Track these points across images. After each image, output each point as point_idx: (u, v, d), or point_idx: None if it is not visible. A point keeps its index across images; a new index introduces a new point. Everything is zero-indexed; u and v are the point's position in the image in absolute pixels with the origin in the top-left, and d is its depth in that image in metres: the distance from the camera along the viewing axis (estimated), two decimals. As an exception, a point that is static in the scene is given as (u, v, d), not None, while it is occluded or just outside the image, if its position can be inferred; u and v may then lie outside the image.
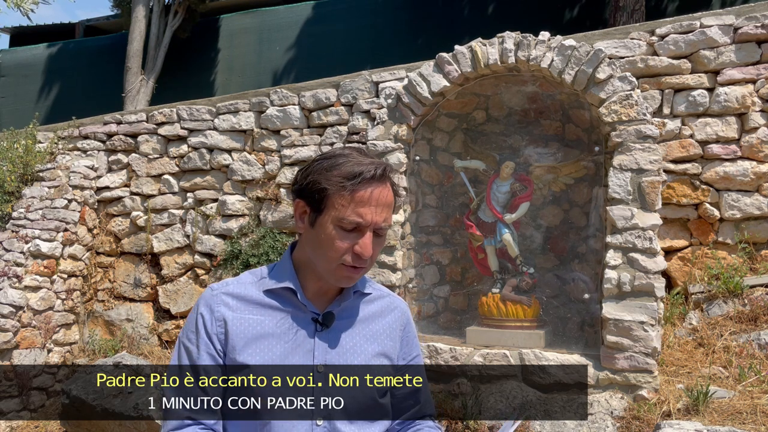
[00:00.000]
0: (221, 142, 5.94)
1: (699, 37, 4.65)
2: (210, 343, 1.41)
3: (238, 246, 5.68)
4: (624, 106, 3.92)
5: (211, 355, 1.41)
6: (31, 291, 5.61)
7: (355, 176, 1.35)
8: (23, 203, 6.00)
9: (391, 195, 1.41)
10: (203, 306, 1.44)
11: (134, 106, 9.03)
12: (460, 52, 4.34)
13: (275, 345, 1.41)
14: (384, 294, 1.60)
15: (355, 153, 1.42)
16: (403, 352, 1.58)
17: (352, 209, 1.36)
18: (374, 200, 1.37)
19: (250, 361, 1.39)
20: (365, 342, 1.49)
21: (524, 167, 4.50)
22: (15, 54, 11.71)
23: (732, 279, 4.32)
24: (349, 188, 1.35)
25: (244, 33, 10.30)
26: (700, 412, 3.47)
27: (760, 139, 4.49)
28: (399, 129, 4.47)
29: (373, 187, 1.37)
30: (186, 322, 1.49)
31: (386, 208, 1.39)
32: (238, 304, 1.44)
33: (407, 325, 1.60)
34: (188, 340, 1.44)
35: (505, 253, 4.37)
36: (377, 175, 1.37)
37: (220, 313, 1.42)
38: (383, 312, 1.56)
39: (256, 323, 1.42)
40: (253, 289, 1.47)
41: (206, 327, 1.42)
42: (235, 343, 1.40)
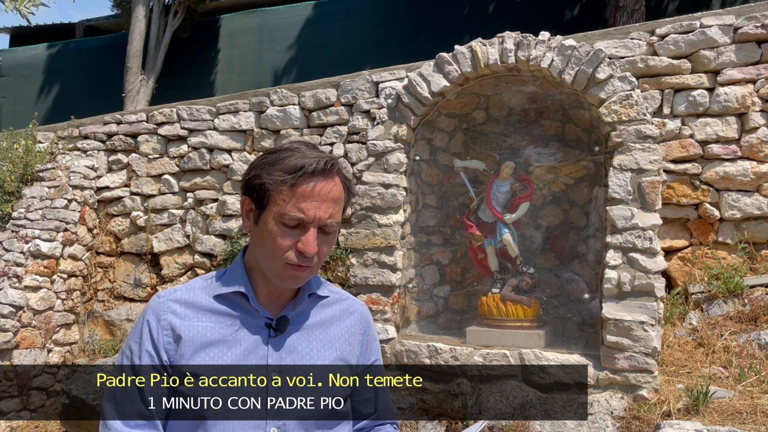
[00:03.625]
0: (221, 142, 5.94)
1: (699, 37, 4.65)
2: (155, 353, 1.36)
3: (238, 246, 5.68)
4: (624, 106, 3.92)
5: (154, 365, 1.35)
6: (31, 291, 5.61)
7: (296, 170, 1.30)
8: (23, 203, 6.00)
9: (338, 190, 1.34)
10: (150, 314, 1.38)
11: (134, 106, 9.03)
12: (460, 52, 4.34)
13: (226, 352, 1.35)
14: (342, 297, 1.53)
15: (303, 147, 1.36)
16: (363, 357, 1.52)
17: (294, 204, 1.30)
18: (317, 195, 1.31)
19: (198, 370, 1.33)
20: (322, 347, 1.43)
21: (524, 167, 4.50)
22: (15, 54, 11.71)
23: (732, 279, 4.32)
24: (290, 182, 1.30)
25: (244, 33, 10.29)
26: (700, 412, 3.47)
27: (760, 139, 4.49)
28: (399, 129, 4.47)
29: (316, 181, 1.31)
30: (130, 332, 1.43)
31: (332, 204, 1.33)
32: (186, 311, 1.38)
33: (367, 328, 1.54)
34: (131, 351, 1.38)
35: (505, 253, 4.37)
36: (320, 168, 1.31)
37: (167, 321, 1.37)
38: (341, 316, 1.50)
39: (205, 330, 1.36)
40: (202, 294, 1.41)
41: (152, 335, 1.36)
42: (184, 351, 1.35)
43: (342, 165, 1.38)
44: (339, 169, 1.36)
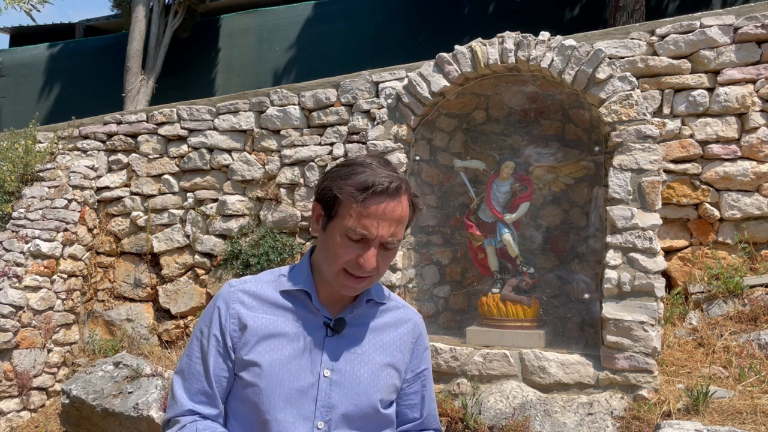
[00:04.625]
0: (221, 142, 5.94)
1: (699, 37, 4.65)
2: (221, 338, 1.43)
3: (238, 246, 5.68)
4: (624, 106, 3.92)
5: (219, 350, 1.43)
6: (31, 291, 5.61)
7: (366, 188, 1.34)
8: (23, 203, 6.00)
9: (403, 210, 1.39)
10: (221, 301, 1.47)
11: (134, 106, 9.03)
12: (460, 52, 4.34)
13: (285, 345, 1.42)
14: (399, 305, 1.59)
15: (375, 164, 1.40)
16: (413, 365, 1.56)
17: (359, 221, 1.35)
18: (382, 214, 1.35)
19: (259, 359, 1.40)
20: (374, 351, 1.48)
21: (524, 167, 4.50)
22: (15, 54, 11.71)
23: (732, 279, 4.32)
24: (359, 199, 1.35)
25: (244, 33, 10.29)
26: (700, 412, 3.47)
27: (760, 139, 4.49)
28: (399, 129, 4.47)
29: (383, 201, 1.35)
30: (202, 315, 1.51)
31: (395, 223, 1.38)
32: (254, 302, 1.46)
33: (419, 338, 1.59)
34: (201, 333, 1.47)
35: (505, 253, 4.37)
36: (389, 189, 1.35)
37: (235, 310, 1.44)
38: (396, 323, 1.55)
39: (269, 322, 1.44)
40: (269, 288, 1.48)
41: (221, 321, 1.44)
42: (247, 340, 1.42)
43: (409, 184, 1.43)
44: (407, 189, 1.41)
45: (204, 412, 1.42)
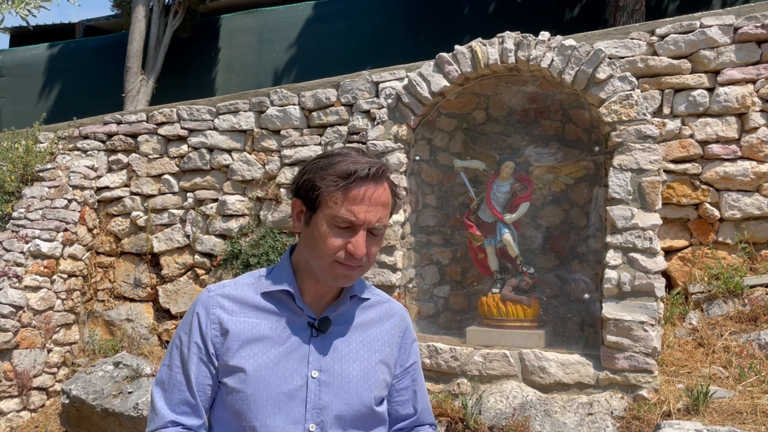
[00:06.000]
0: (221, 142, 5.94)
1: (699, 37, 4.65)
2: (203, 345, 1.40)
3: (238, 246, 5.68)
4: (624, 106, 3.92)
5: (201, 358, 1.40)
6: (31, 291, 5.61)
7: (349, 175, 1.34)
8: (23, 203, 6.00)
9: (387, 195, 1.40)
10: (200, 307, 1.43)
11: (134, 106, 9.03)
12: (460, 52, 4.34)
13: (270, 348, 1.39)
14: (383, 299, 1.57)
15: (353, 153, 1.41)
16: (401, 359, 1.55)
17: (346, 207, 1.34)
18: (368, 199, 1.36)
19: (243, 364, 1.38)
20: (362, 349, 1.46)
21: (524, 167, 4.50)
22: (15, 54, 11.71)
23: (732, 279, 4.32)
24: (343, 187, 1.35)
25: (244, 33, 10.29)
26: (700, 412, 3.47)
27: (760, 139, 4.49)
28: (399, 129, 4.47)
29: (367, 186, 1.36)
30: (181, 323, 1.47)
31: (381, 208, 1.38)
32: (234, 307, 1.43)
33: (406, 331, 1.57)
34: (180, 341, 1.43)
35: (505, 253, 4.37)
36: (372, 174, 1.36)
37: (215, 315, 1.41)
38: (382, 318, 1.53)
39: (251, 326, 1.41)
40: (250, 291, 1.45)
41: (201, 328, 1.41)
42: (230, 345, 1.39)
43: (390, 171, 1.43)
44: (388, 175, 1.41)
45: (187, 423, 1.39)
